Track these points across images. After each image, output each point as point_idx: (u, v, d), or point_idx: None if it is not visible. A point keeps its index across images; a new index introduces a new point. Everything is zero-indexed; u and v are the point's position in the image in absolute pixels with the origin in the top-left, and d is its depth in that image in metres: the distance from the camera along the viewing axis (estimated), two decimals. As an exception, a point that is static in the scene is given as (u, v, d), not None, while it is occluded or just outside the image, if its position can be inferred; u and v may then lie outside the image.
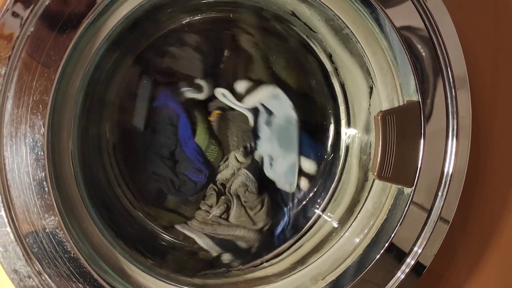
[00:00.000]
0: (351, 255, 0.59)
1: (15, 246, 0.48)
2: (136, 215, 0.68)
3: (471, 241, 0.68)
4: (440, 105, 0.54)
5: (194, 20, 0.67)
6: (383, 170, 0.55)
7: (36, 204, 0.48)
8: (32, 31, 0.46)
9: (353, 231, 0.61)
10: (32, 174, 0.47)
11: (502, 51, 0.66)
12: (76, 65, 0.51)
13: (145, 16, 0.57)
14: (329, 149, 0.72)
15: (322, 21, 0.60)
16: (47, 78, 0.47)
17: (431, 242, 0.55)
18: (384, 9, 0.52)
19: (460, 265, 0.68)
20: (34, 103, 0.47)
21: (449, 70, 0.53)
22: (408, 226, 0.55)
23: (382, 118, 0.54)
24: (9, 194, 0.47)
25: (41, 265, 0.49)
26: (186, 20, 0.67)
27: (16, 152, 0.47)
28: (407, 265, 0.56)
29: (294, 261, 0.64)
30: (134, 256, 0.58)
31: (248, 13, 0.67)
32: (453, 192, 0.55)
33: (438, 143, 0.54)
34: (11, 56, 0.46)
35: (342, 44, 0.61)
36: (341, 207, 0.66)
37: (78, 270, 0.50)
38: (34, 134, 0.47)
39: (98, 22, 0.50)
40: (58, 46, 0.47)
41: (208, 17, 0.67)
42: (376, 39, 0.55)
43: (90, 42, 0.51)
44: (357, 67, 0.61)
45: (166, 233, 0.68)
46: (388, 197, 0.58)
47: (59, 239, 0.49)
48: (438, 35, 0.53)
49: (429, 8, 0.52)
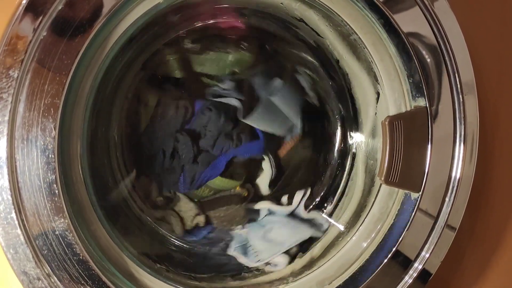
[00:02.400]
0: (357, 260, 0.58)
1: (25, 248, 0.48)
2: (144, 219, 0.68)
3: (478, 248, 0.67)
4: (448, 111, 0.54)
5: (207, 24, 0.68)
6: (391, 175, 0.55)
7: (46, 207, 0.48)
8: (45, 36, 0.47)
9: (359, 236, 0.61)
10: (43, 176, 0.48)
11: (507, 56, 0.66)
12: (87, 69, 0.51)
13: (156, 20, 0.57)
14: (336, 154, 0.72)
15: (330, 27, 0.61)
16: (58, 82, 0.47)
17: (438, 249, 0.55)
18: (391, 15, 0.52)
19: (467, 272, 0.67)
20: (45, 107, 0.47)
21: (457, 75, 0.53)
22: (414, 232, 0.55)
23: (390, 124, 0.55)
24: (20, 196, 0.47)
25: (50, 267, 0.49)
26: (199, 25, 0.67)
27: (27, 155, 0.47)
28: (414, 270, 0.56)
29: (301, 266, 0.64)
30: (142, 260, 0.58)
31: (256, 19, 0.68)
32: (460, 198, 0.55)
33: (445, 148, 0.54)
34: (24, 60, 0.46)
35: (350, 50, 0.61)
36: (348, 212, 0.66)
37: (87, 273, 0.50)
38: (45, 137, 0.48)
39: (110, 26, 0.51)
40: (70, 51, 0.47)
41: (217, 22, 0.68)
42: (384, 45, 0.55)
43: (101, 46, 0.51)
44: (365, 73, 0.61)
45: (174, 237, 0.69)
46: (395, 202, 0.58)
47: (69, 241, 0.49)
48: (445, 41, 0.53)
49: (436, 13, 0.52)
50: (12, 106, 0.46)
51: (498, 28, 0.65)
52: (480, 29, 0.64)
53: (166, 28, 0.65)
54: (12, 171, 0.47)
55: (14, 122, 0.47)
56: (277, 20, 0.66)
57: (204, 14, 0.66)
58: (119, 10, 0.50)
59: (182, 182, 0.70)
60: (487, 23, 0.65)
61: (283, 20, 0.65)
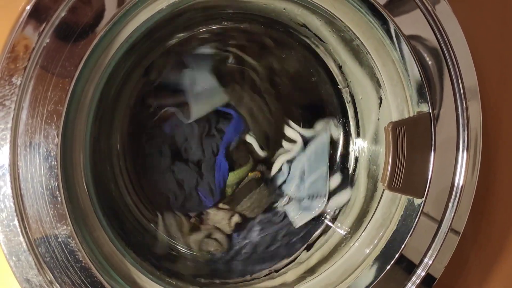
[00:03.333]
0: (360, 265, 0.58)
1: (28, 256, 0.48)
2: (147, 225, 0.68)
3: (482, 253, 0.67)
4: (451, 116, 0.54)
5: (210, 29, 0.68)
6: (394, 181, 0.55)
7: (48, 214, 0.48)
8: (48, 43, 0.46)
9: (362, 242, 0.61)
10: (45, 183, 0.48)
11: (510, 61, 0.66)
12: (90, 75, 0.51)
13: (159, 26, 0.57)
14: (338, 160, 0.72)
15: (333, 32, 0.61)
16: (61, 88, 0.47)
17: (442, 254, 0.55)
18: (393, 18, 0.52)
19: (471, 277, 0.67)
20: (48, 113, 0.47)
21: (460, 80, 0.53)
22: (418, 237, 0.55)
23: (393, 129, 0.54)
24: (23, 203, 0.47)
25: (53, 275, 0.49)
26: (201, 30, 0.67)
27: (30, 161, 0.47)
28: (418, 276, 0.56)
29: (304, 271, 0.64)
30: (145, 266, 0.58)
31: (258, 24, 0.68)
32: (464, 203, 0.55)
33: (448, 154, 0.54)
34: (27, 67, 0.46)
35: (352, 55, 0.61)
36: (351, 217, 0.66)
37: (90, 280, 0.50)
38: (48, 144, 0.47)
39: (113, 32, 0.51)
40: (73, 57, 0.47)
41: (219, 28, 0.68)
42: (387, 50, 0.55)
43: (104, 52, 0.51)
44: (367, 78, 0.61)
45: (177, 243, 0.69)
46: (398, 208, 0.58)
47: (71, 248, 0.49)
48: (448, 44, 0.52)
49: (438, 16, 0.52)
50: (15, 113, 0.46)
51: (501, 31, 0.65)
52: (482, 32, 0.64)
53: (168, 34, 0.65)
54: (14, 178, 0.47)
55: (17, 129, 0.46)
56: (279, 25, 0.66)
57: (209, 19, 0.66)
58: (122, 16, 0.50)
59: (205, 199, 0.70)
60: (489, 27, 0.65)
61: (286, 25, 0.65)
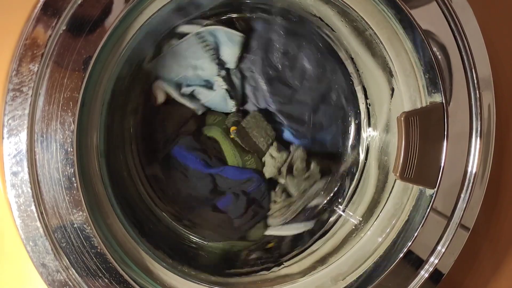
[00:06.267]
0: (371, 256, 0.59)
1: (44, 241, 0.48)
2: (159, 214, 0.68)
3: (492, 248, 0.66)
4: (464, 107, 0.54)
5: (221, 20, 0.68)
6: (406, 171, 0.55)
7: (65, 200, 0.49)
8: (64, 30, 0.47)
9: (374, 232, 0.61)
10: (62, 170, 0.48)
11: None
12: (105, 63, 0.52)
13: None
14: (349, 149, 0.72)
15: (345, 22, 0.61)
16: (77, 75, 0.47)
17: (451, 248, 0.55)
18: (409, 10, 0.52)
19: (480, 273, 0.66)
20: (64, 100, 0.47)
21: (474, 71, 0.53)
22: (428, 230, 0.55)
23: (406, 119, 0.54)
24: (39, 189, 0.48)
25: (68, 260, 0.49)
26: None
27: (46, 148, 0.48)
28: (426, 270, 0.56)
29: (314, 261, 0.64)
30: (157, 254, 0.58)
31: (271, 15, 0.68)
32: (476, 195, 0.55)
33: (461, 144, 0.54)
34: (44, 54, 0.47)
35: (365, 46, 0.61)
36: (361, 207, 0.66)
37: (104, 265, 0.50)
38: (64, 131, 0.48)
39: (128, 20, 0.51)
40: (89, 45, 0.47)
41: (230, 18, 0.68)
42: (400, 40, 0.55)
43: (119, 40, 0.52)
44: (379, 68, 0.61)
45: (189, 232, 0.69)
46: (410, 198, 0.58)
47: (87, 234, 0.49)
48: (462, 36, 0.52)
49: (454, 9, 0.52)
50: (32, 100, 0.47)
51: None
52: (498, 24, 0.63)
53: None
54: (32, 164, 0.47)
55: (34, 115, 0.47)
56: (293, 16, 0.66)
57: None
58: (137, 4, 0.50)
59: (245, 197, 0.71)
60: (504, 19, 0.64)
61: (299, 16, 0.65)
